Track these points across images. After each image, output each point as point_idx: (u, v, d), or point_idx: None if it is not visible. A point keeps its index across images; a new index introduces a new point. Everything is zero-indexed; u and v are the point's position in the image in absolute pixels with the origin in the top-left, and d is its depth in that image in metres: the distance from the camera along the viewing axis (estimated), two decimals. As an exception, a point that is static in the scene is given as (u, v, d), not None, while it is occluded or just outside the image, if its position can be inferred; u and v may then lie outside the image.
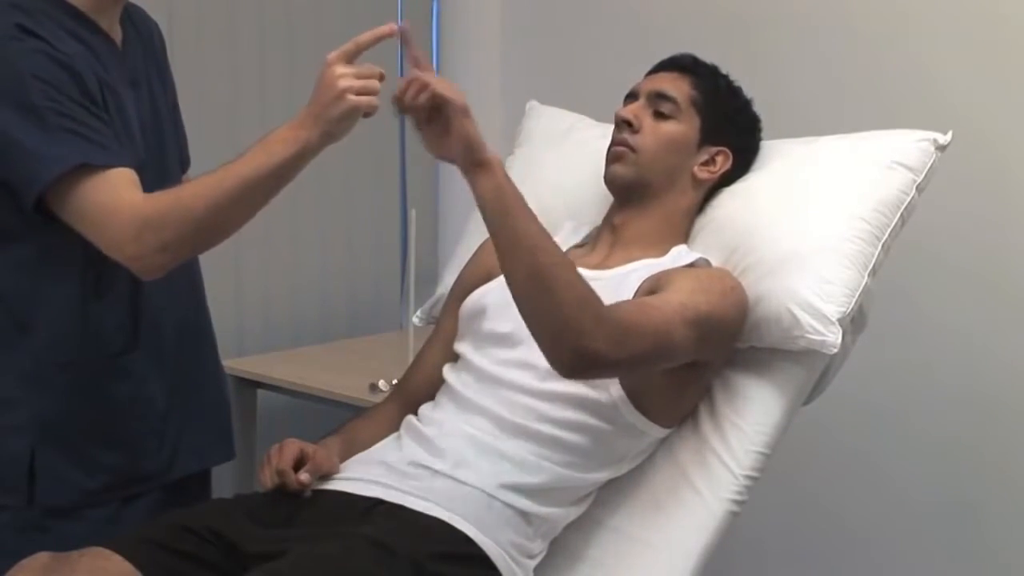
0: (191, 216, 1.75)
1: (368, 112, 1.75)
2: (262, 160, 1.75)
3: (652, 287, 1.92)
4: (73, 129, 1.76)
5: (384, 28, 1.73)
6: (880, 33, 2.69)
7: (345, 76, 1.71)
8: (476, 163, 1.70)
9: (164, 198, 1.78)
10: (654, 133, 2.05)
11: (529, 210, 1.72)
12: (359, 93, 1.72)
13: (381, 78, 1.74)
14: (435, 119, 1.72)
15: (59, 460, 1.90)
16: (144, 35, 2.03)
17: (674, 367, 1.90)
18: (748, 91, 2.14)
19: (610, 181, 2.07)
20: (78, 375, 1.91)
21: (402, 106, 1.73)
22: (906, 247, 2.11)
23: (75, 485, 1.91)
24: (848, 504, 2.79)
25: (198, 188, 1.78)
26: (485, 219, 1.73)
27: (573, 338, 1.69)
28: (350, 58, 1.73)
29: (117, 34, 1.94)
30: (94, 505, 1.94)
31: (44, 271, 1.87)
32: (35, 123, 1.75)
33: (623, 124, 2.05)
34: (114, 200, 1.76)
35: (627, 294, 1.92)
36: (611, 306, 1.76)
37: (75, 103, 1.78)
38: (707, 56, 2.13)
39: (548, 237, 1.72)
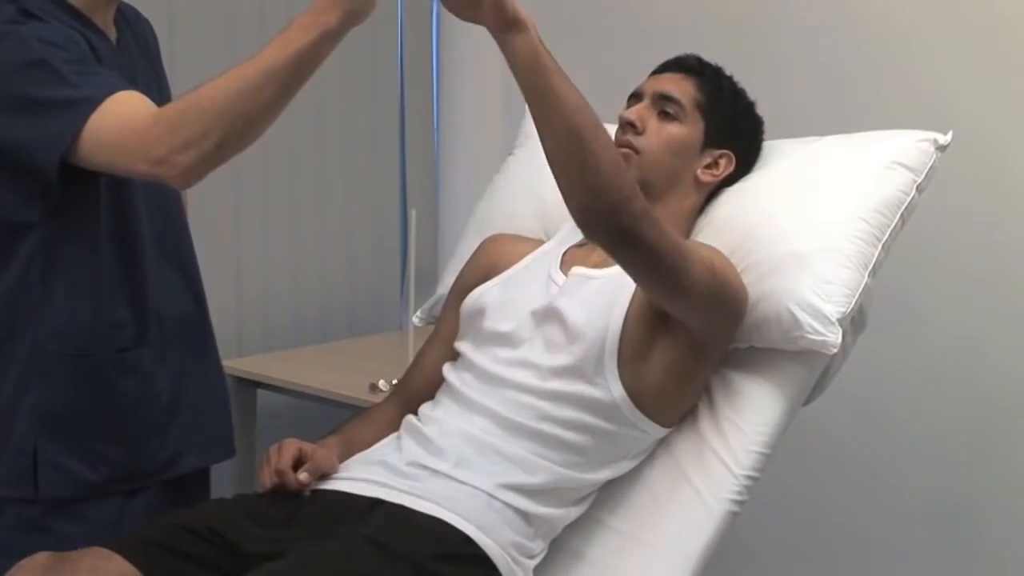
0: (211, 107, 1.70)
1: None
2: (280, 48, 1.70)
3: None
4: (91, 72, 1.78)
5: None
6: (880, 33, 2.69)
7: None
8: (509, 22, 1.64)
9: (182, 98, 1.74)
10: (658, 135, 2.04)
11: (563, 72, 1.67)
12: None
13: None
14: None
15: (62, 452, 1.91)
16: (139, 35, 2.04)
17: (672, 364, 1.91)
18: (748, 91, 2.14)
19: (613, 182, 2.06)
20: (85, 369, 1.91)
21: None
22: (906, 247, 2.11)
23: (77, 478, 1.92)
24: (847, 504, 2.79)
25: (217, 80, 1.72)
26: (519, 79, 1.67)
27: (613, 198, 1.68)
28: None
29: (112, 33, 1.95)
30: (95, 499, 1.94)
31: (53, 265, 1.88)
32: (55, 77, 1.75)
33: (627, 126, 2.05)
34: (131, 112, 1.75)
35: (627, 293, 1.93)
36: None
37: (83, 55, 1.80)
38: (707, 56, 2.13)
39: (583, 98, 1.69)
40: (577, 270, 2.02)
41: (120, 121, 1.74)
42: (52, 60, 1.76)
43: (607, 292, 1.94)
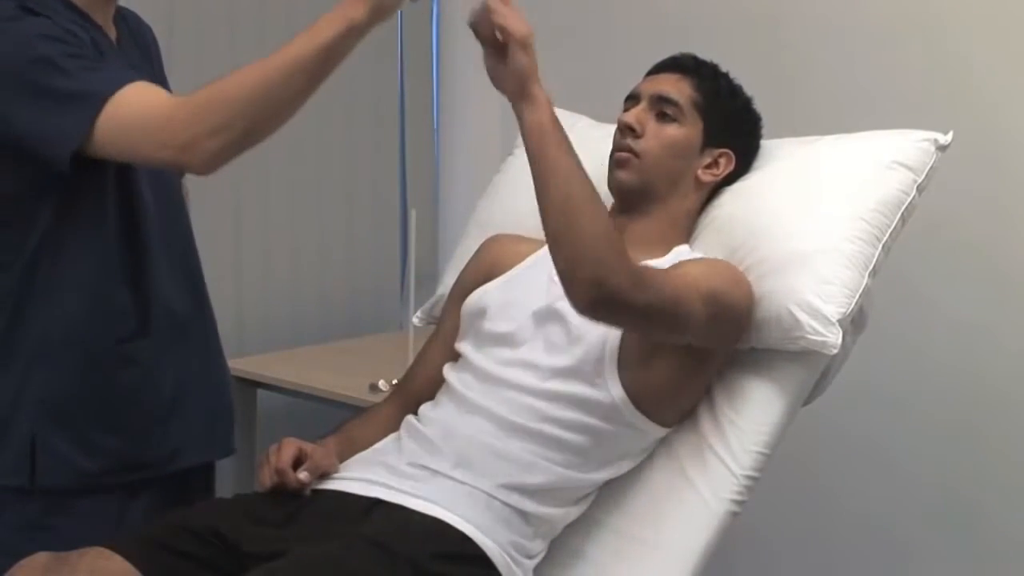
0: (238, 95, 1.74)
1: None
2: (308, 40, 1.73)
3: None
4: (96, 67, 1.79)
5: None
6: (880, 33, 2.69)
7: None
8: (523, 94, 1.74)
9: (206, 87, 1.76)
10: (657, 137, 2.04)
11: (568, 145, 1.74)
12: None
13: None
14: (502, 50, 1.76)
15: (61, 441, 1.90)
16: (139, 39, 2.04)
17: (674, 367, 1.91)
18: (749, 91, 2.14)
19: (615, 187, 2.06)
20: (86, 358, 1.91)
21: (474, 30, 1.77)
22: (908, 236, 2.10)
23: (74, 467, 1.91)
24: (848, 499, 2.78)
25: (245, 70, 1.76)
26: (526, 149, 1.76)
27: (592, 267, 1.70)
28: None
29: (111, 32, 1.96)
30: (93, 491, 1.93)
31: (59, 255, 1.88)
32: (58, 73, 1.76)
33: (626, 129, 2.04)
34: (151, 102, 1.77)
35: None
36: None
37: (85, 48, 1.80)
38: (707, 56, 2.13)
39: (582, 173, 1.74)
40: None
41: (140, 110, 1.76)
42: (54, 56, 1.76)
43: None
